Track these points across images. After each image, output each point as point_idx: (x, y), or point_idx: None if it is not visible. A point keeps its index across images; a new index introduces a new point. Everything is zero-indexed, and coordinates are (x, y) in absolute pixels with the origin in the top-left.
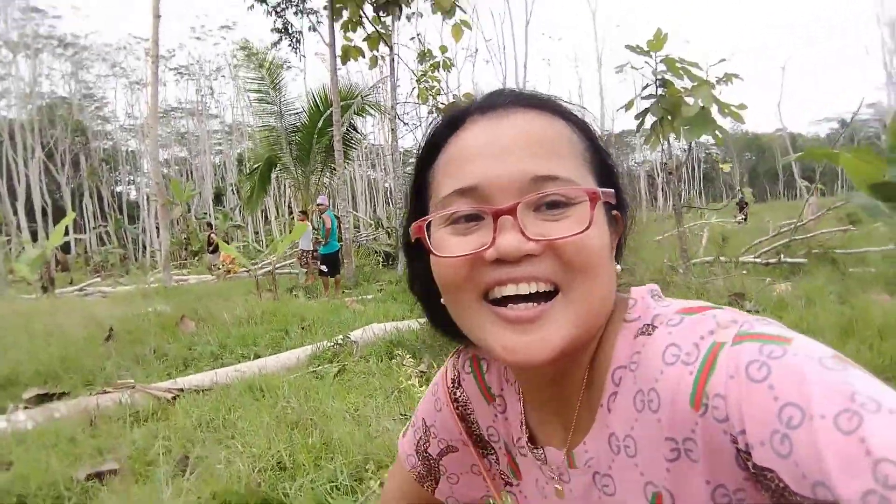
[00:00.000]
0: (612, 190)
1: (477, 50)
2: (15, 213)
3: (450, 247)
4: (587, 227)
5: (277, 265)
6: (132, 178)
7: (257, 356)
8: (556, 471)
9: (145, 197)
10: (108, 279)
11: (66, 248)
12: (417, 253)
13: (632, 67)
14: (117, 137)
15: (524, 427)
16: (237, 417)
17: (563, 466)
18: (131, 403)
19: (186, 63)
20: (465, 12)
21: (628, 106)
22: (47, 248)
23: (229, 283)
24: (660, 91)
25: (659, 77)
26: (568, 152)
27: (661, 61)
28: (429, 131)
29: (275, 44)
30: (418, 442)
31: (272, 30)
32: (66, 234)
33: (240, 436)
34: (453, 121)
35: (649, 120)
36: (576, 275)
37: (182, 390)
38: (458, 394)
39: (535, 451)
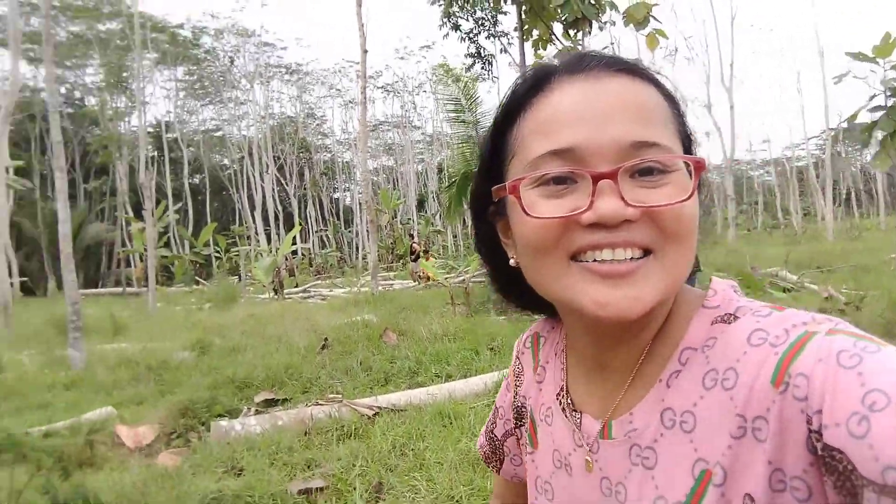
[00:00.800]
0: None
1: (676, 49)
2: (254, 220)
3: (540, 208)
4: (689, 196)
5: (472, 276)
6: (347, 185)
7: (449, 376)
8: (586, 439)
9: (358, 203)
10: (326, 280)
11: (293, 251)
12: (484, 217)
13: (854, 77)
14: (335, 150)
15: (565, 393)
16: (425, 447)
17: (596, 436)
18: (339, 417)
19: (392, 81)
20: (659, 22)
21: (851, 119)
22: (279, 255)
23: (429, 291)
24: (890, 102)
25: (889, 87)
26: (663, 119)
27: (891, 68)
28: (508, 92)
29: (468, 68)
30: (488, 425)
31: (466, 55)
32: (294, 243)
33: (426, 468)
34: (537, 82)
35: (875, 132)
36: (670, 241)
37: (381, 408)
38: (518, 370)
39: (572, 414)
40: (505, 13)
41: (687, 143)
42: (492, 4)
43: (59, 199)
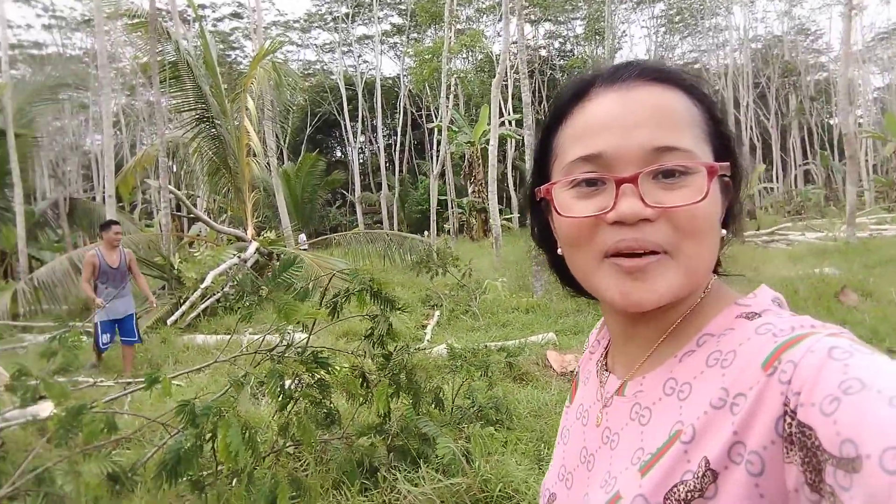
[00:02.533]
0: (728, 162)
1: None
2: None
3: (573, 208)
4: (703, 198)
5: None
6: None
7: None
8: (606, 393)
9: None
10: (801, 222)
11: (768, 189)
12: (537, 210)
13: None
14: (831, 69)
15: (603, 358)
16: None
17: (613, 393)
18: None
19: None
20: None
21: None
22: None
23: None
24: None
25: None
26: (688, 124)
27: None
28: (554, 101)
29: None
30: None
31: None
32: (759, 181)
33: None
34: (578, 92)
35: None
36: (685, 239)
37: None
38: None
39: (603, 372)
40: None
41: (720, 145)
42: None
43: (526, 131)
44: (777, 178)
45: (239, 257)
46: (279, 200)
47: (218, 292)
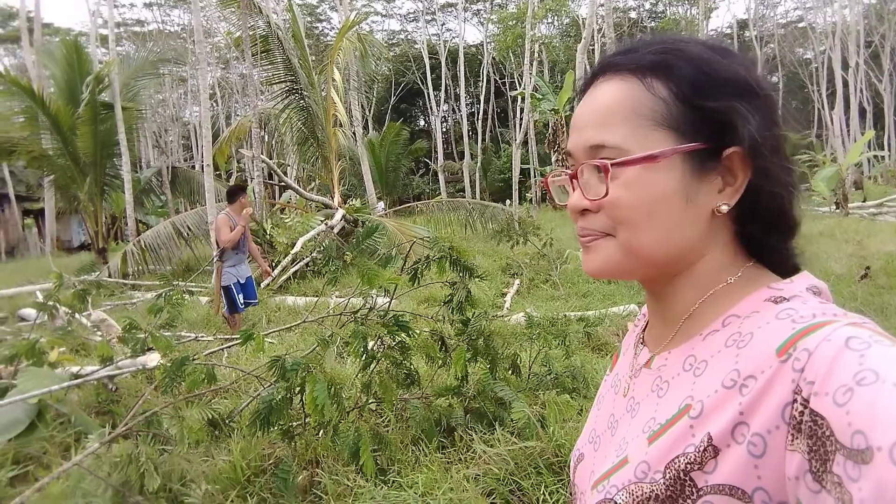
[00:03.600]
0: (662, 150)
1: None
2: (831, 121)
3: (561, 197)
4: (604, 196)
5: None
6: None
7: None
8: (637, 365)
9: None
10: None
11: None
12: None
13: None
14: None
15: (644, 329)
16: None
17: (642, 364)
18: None
19: None
20: None
21: None
22: (843, 167)
23: None
24: None
25: None
26: (623, 118)
27: None
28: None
29: None
30: None
31: None
32: (869, 148)
33: None
34: (582, 89)
35: None
36: (619, 226)
37: None
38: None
39: (639, 345)
40: None
41: (694, 122)
42: None
43: None
44: (889, 145)
45: (326, 224)
46: (364, 169)
47: (307, 257)
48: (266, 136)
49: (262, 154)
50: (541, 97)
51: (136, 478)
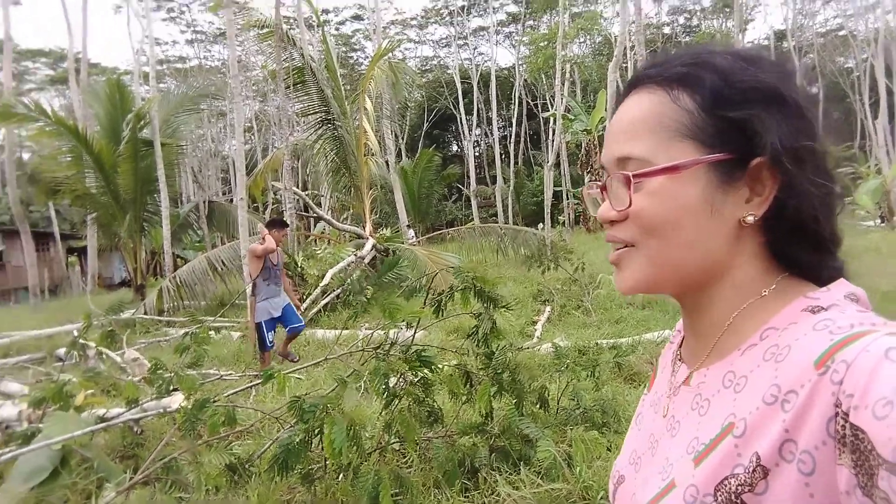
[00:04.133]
0: (684, 160)
1: None
2: (875, 131)
3: (594, 210)
4: (628, 206)
5: None
6: None
7: None
8: (675, 383)
9: None
10: None
11: None
12: None
13: None
14: None
15: (679, 348)
16: None
17: (681, 382)
18: None
19: None
20: None
21: None
22: (887, 178)
23: None
24: None
25: None
26: (650, 129)
27: None
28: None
29: None
30: None
31: None
32: None
33: None
34: (614, 106)
35: None
36: (645, 237)
37: None
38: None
39: (677, 362)
40: None
41: (718, 132)
42: None
43: None
44: None
45: (355, 255)
46: (397, 197)
47: (336, 289)
48: (299, 168)
49: (294, 186)
50: (573, 118)
51: None
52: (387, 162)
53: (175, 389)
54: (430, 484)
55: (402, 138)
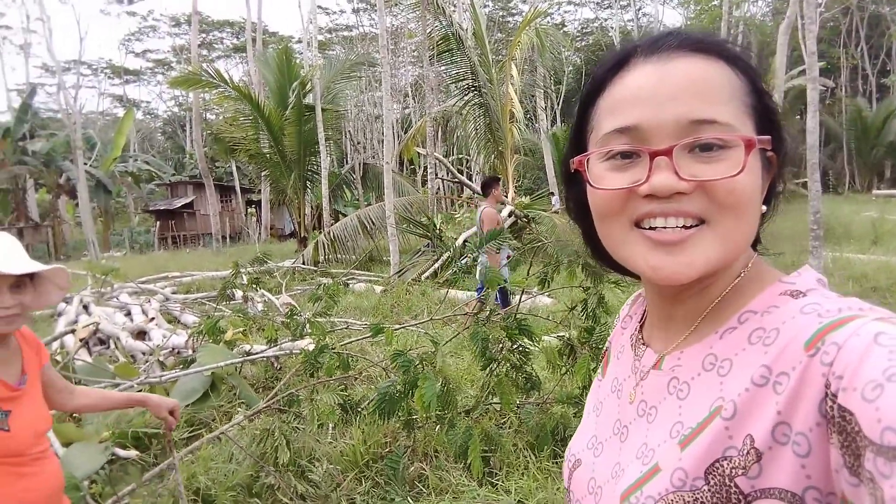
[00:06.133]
0: (769, 136)
1: None
2: None
3: (606, 180)
4: (739, 172)
5: None
6: None
7: None
8: (643, 367)
9: None
10: None
11: None
12: (575, 183)
13: None
14: None
15: (638, 333)
16: None
17: (649, 367)
18: None
19: None
20: None
21: None
22: None
23: None
24: None
25: None
26: (728, 97)
27: None
28: (592, 72)
29: None
30: None
31: None
32: None
33: None
34: (618, 62)
35: None
36: (724, 212)
37: None
38: (616, 324)
39: (639, 346)
40: None
41: (763, 119)
42: None
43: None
44: None
45: None
46: (547, 162)
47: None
48: (446, 133)
49: (437, 151)
50: None
51: (271, 450)
52: (537, 128)
53: (307, 333)
54: (521, 446)
55: (558, 104)
